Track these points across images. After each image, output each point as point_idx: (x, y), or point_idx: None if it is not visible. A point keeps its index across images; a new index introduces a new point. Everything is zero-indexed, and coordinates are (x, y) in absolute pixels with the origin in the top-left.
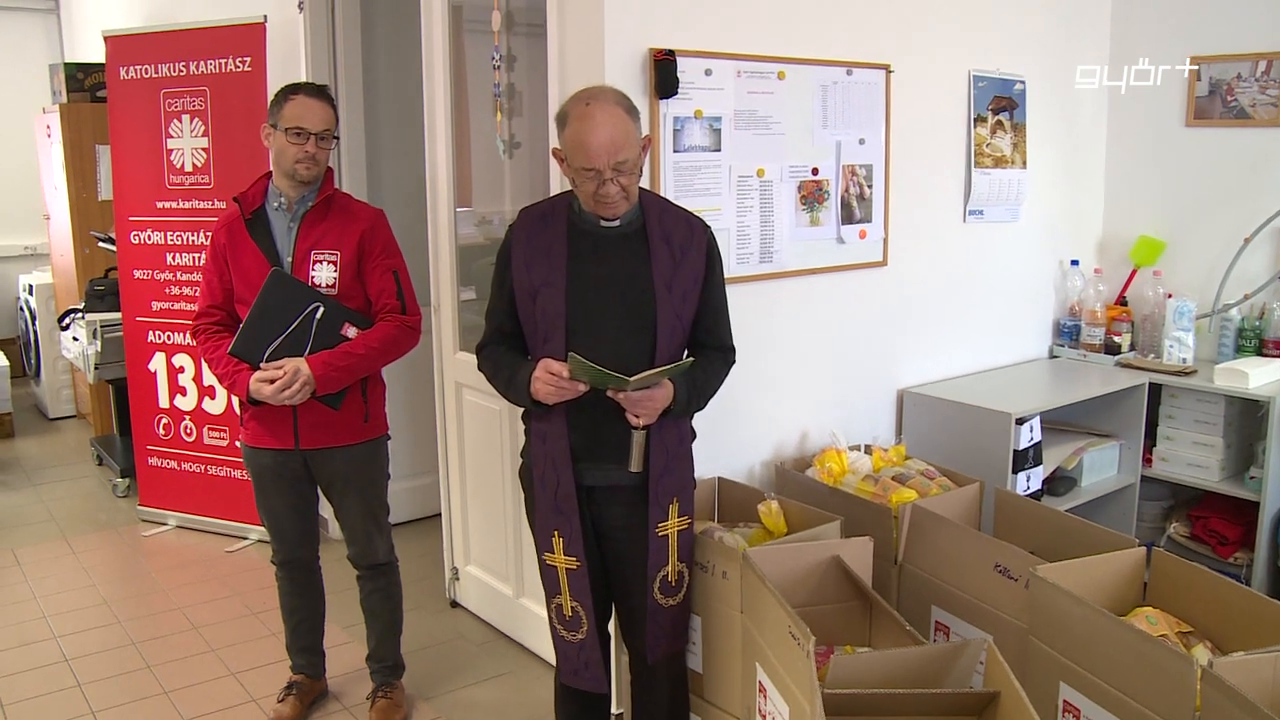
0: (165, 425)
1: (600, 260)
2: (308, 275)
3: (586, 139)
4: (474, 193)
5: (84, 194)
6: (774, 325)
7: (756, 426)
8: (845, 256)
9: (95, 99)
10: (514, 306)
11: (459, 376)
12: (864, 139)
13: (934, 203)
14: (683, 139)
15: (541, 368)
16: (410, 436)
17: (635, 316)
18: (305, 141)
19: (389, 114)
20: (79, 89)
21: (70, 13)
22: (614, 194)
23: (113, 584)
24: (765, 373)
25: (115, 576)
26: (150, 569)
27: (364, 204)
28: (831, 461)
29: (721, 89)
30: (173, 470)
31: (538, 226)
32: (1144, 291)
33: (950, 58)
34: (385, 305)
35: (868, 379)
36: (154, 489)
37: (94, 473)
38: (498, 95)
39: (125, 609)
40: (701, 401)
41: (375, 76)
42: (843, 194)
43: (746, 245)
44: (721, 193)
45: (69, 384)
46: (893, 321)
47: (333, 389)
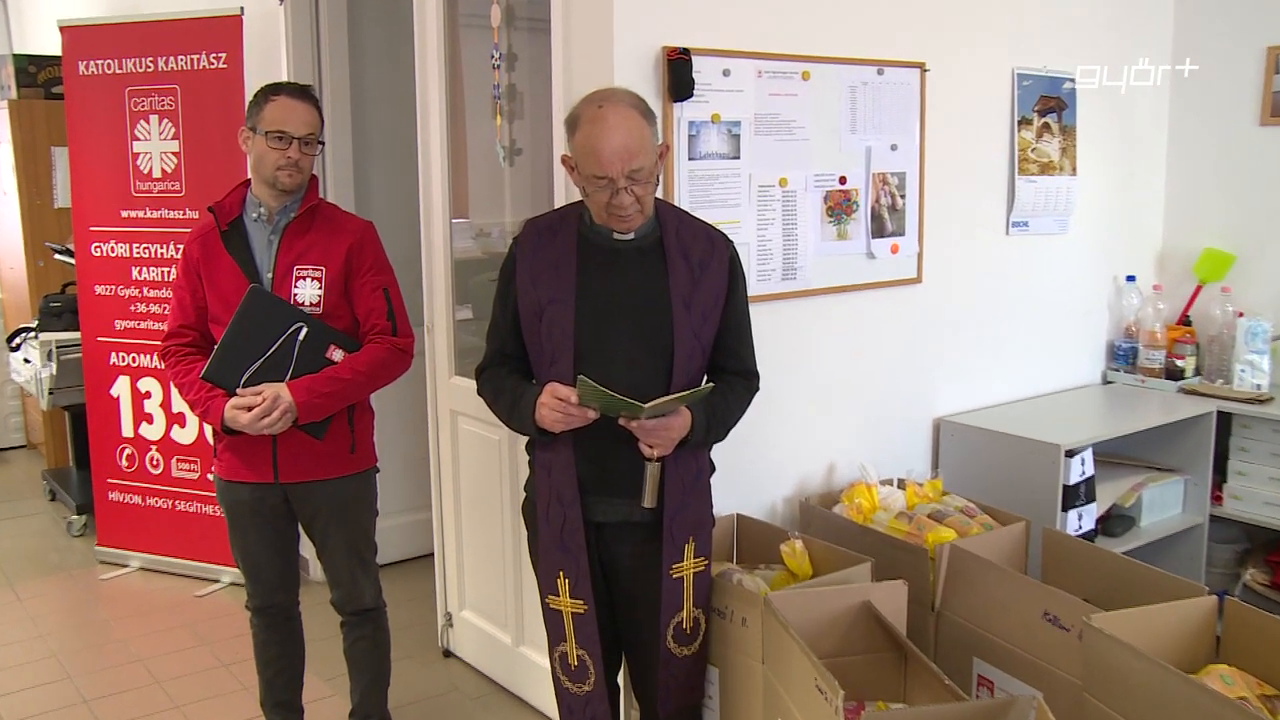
0: (129, 456)
1: (613, 276)
2: (290, 293)
3: (599, 145)
4: (471, 203)
5: (38, 201)
6: (798, 348)
7: (779, 459)
8: (876, 273)
9: (50, 95)
10: (518, 326)
11: (455, 403)
12: (896, 144)
13: (974, 214)
14: (699, 145)
15: (547, 393)
16: (401, 469)
17: (650, 337)
18: (287, 147)
19: (379, 117)
20: (31, 84)
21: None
22: (628, 205)
23: (64, 634)
24: (788, 400)
25: (67, 626)
26: (108, 617)
27: (351, 215)
28: (861, 497)
29: (741, 91)
30: (136, 506)
31: (545, 239)
32: (1210, 310)
33: (992, 54)
34: (374, 326)
35: (901, 407)
36: (114, 527)
37: (46, 509)
38: (497, 97)
39: (78, 662)
40: (722, 431)
41: (364, 76)
42: (873, 205)
43: (768, 261)
44: (740, 204)
45: (18, 410)
46: (928, 344)
47: (316, 417)
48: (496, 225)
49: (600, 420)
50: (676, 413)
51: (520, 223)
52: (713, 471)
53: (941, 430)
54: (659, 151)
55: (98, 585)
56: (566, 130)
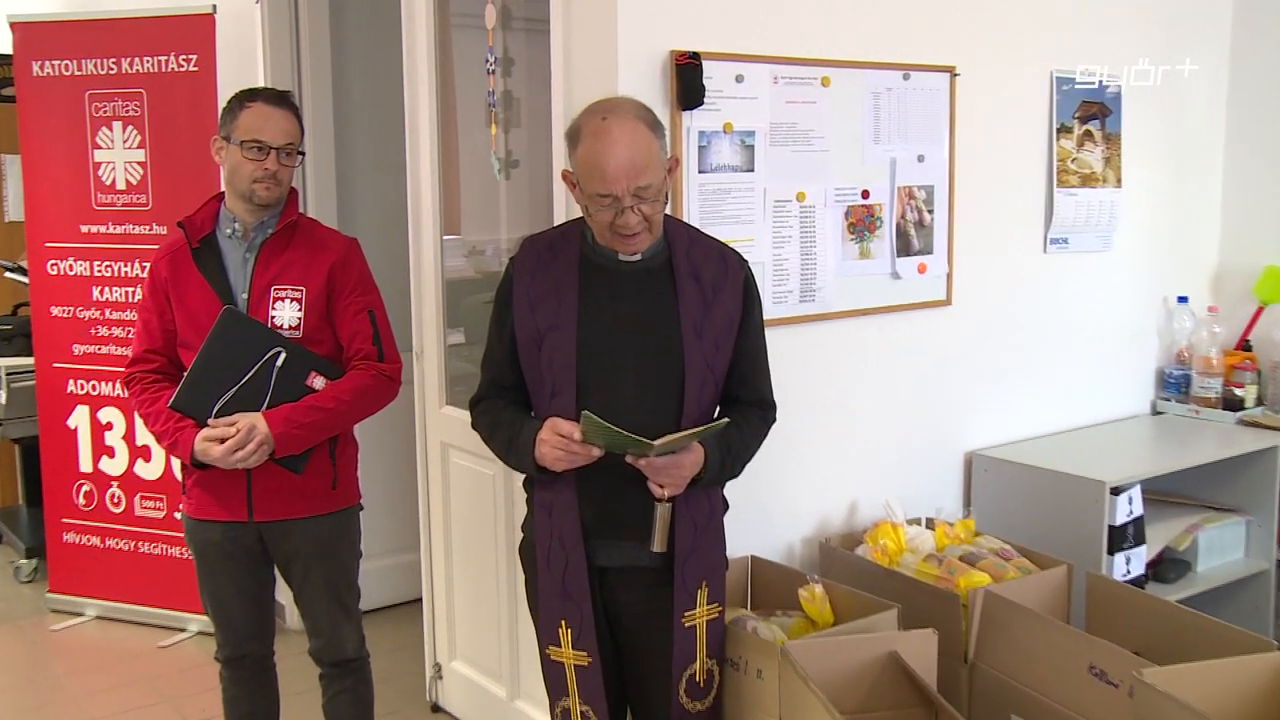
0: (87, 494)
1: (618, 300)
2: (267, 315)
3: (602, 160)
4: (464, 218)
5: None
6: (817, 376)
7: (797, 496)
8: (902, 295)
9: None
10: (515, 354)
11: (446, 435)
12: (924, 155)
13: (1008, 230)
14: (709, 157)
15: (548, 428)
16: (387, 506)
17: (659, 367)
18: (264, 157)
19: (363, 125)
20: None
21: None
22: (635, 225)
23: (12, 692)
24: (807, 432)
25: (15, 683)
26: (59, 672)
27: (334, 231)
28: (887, 538)
29: (755, 98)
30: (94, 548)
31: (544, 259)
32: (1273, 334)
33: (1028, 56)
34: (359, 351)
35: (929, 440)
36: (69, 572)
37: None
38: (492, 104)
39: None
40: (737, 468)
41: (347, 80)
42: (898, 221)
43: (784, 282)
44: (755, 220)
45: None
46: (959, 371)
47: (295, 450)
48: (491, 243)
49: (605, 458)
50: (688, 449)
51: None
52: (725, 510)
53: (974, 465)
54: (668, 166)
55: (49, 637)
56: (567, 144)
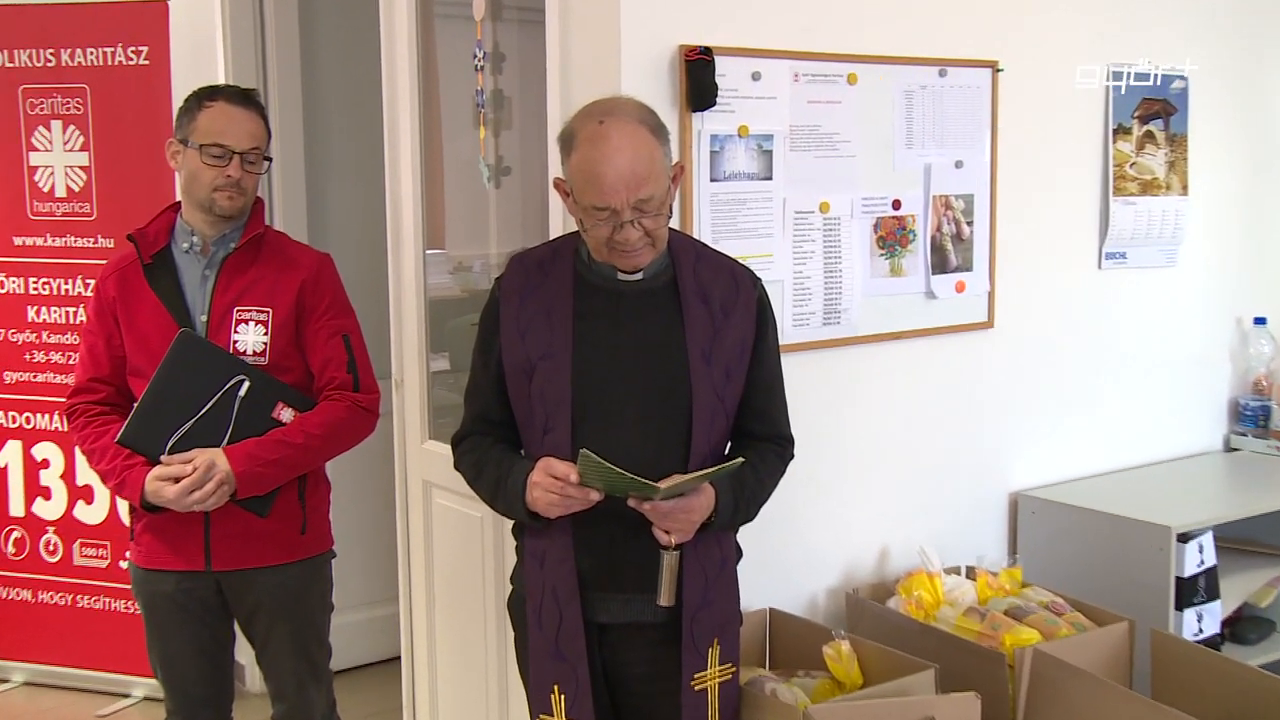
0: (17, 541)
1: (617, 324)
2: (228, 339)
3: (599, 169)
4: (449, 231)
5: None
6: (842, 408)
7: (820, 541)
8: (937, 316)
9: None
10: (502, 386)
11: (428, 473)
12: (962, 161)
13: (1058, 244)
14: (722, 163)
15: (541, 469)
16: (362, 553)
17: (664, 399)
18: (226, 163)
19: (337, 127)
20: None
21: None
22: (635, 240)
23: None
24: (831, 470)
25: None
26: None
27: (304, 246)
28: (922, 589)
29: (773, 98)
30: (24, 603)
31: (534, 279)
32: None
33: (1081, 49)
34: (332, 379)
35: (970, 479)
36: None
37: None
38: (481, 104)
39: None
40: (752, 510)
41: (319, 77)
42: (933, 234)
43: (806, 303)
44: (773, 233)
45: None
46: (1002, 402)
47: (260, 490)
48: (479, 258)
49: (605, 502)
50: (697, 491)
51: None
52: (740, 558)
53: (1020, 507)
54: (672, 174)
55: None
56: (560, 150)
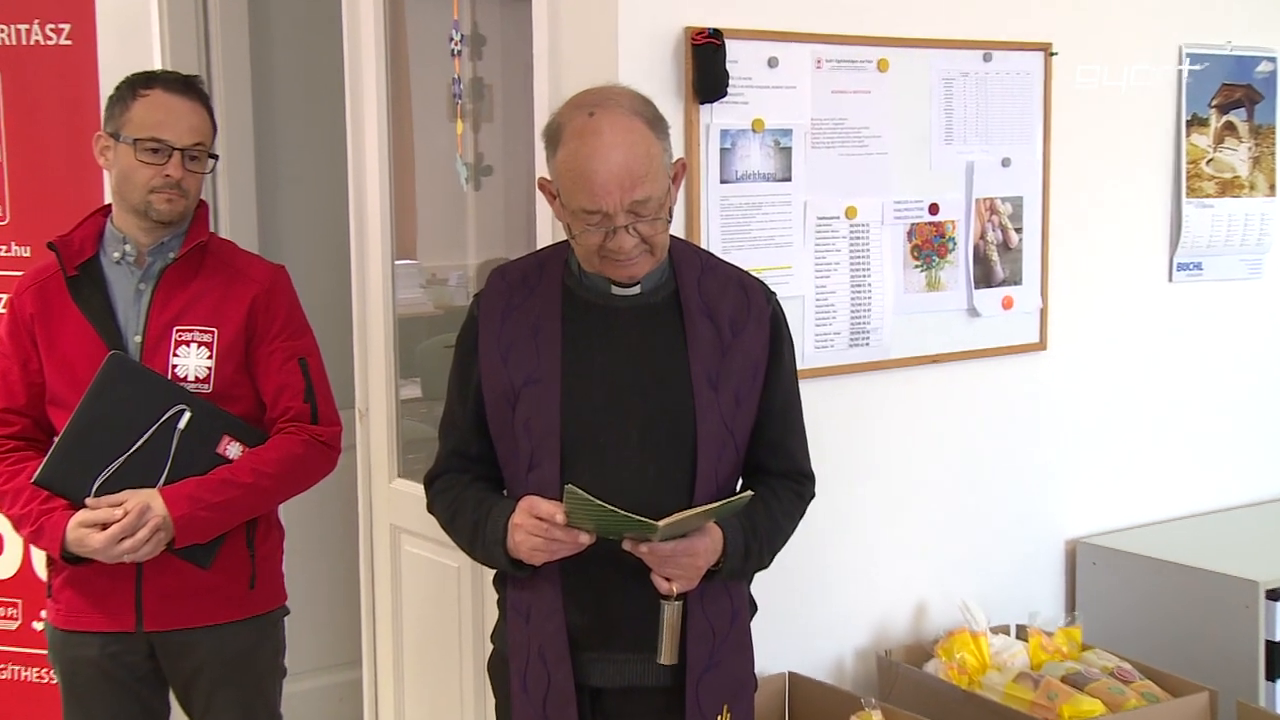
0: None
1: (612, 345)
2: (166, 364)
3: (589, 166)
4: (421, 240)
5: None
6: (872, 441)
7: (846, 595)
8: (982, 337)
9: None
10: (482, 417)
11: (397, 517)
12: (1010, 158)
13: (1122, 253)
14: (734, 162)
15: (524, 510)
16: (319, 610)
17: (665, 429)
18: (165, 161)
19: (292, 120)
20: None
21: None
22: (630, 248)
23: None
24: (859, 512)
25: None
26: None
27: (255, 257)
28: (965, 650)
29: (793, 87)
30: None
31: (518, 295)
32: None
33: (1149, 28)
34: (287, 410)
35: (1020, 524)
36: None
37: None
38: (458, 95)
39: None
40: (766, 556)
41: (271, 62)
42: (976, 242)
43: (830, 321)
44: (792, 242)
45: None
46: (1057, 435)
47: (201, 537)
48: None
49: (598, 546)
50: (703, 532)
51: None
52: (754, 613)
53: (1078, 557)
54: (673, 173)
55: None
56: (546, 146)
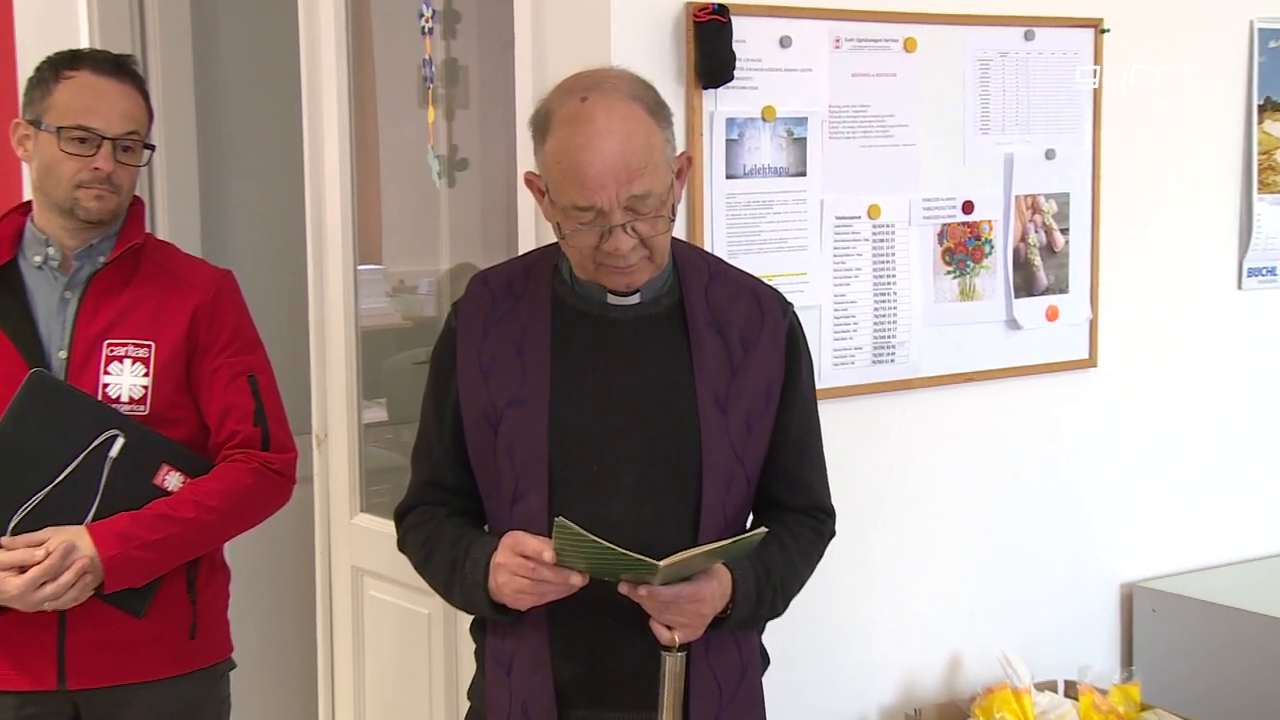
0: None
1: (607, 361)
2: (96, 382)
3: (581, 158)
4: (387, 242)
5: None
6: (899, 471)
7: (870, 645)
8: (1023, 352)
9: None
10: (460, 442)
11: (360, 557)
12: (1054, 150)
13: (1183, 256)
14: (741, 155)
15: (508, 547)
16: (271, 663)
17: (668, 456)
18: (94, 152)
19: (240, 107)
20: None
21: None
22: (628, 251)
23: None
24: (885, 552)
25: None
26: None
27: (198, 261)
28: (1006, 710)
29: (808, 69)
30: None
31: (502, 304)
32: None
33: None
34: (234, 434)
35: (1068, 565)
36: None
37: None
38: (429, 78)
39: None
40: (780, 602)
41: (215, 41)
42: (1017, 245)
43: (850, 335)
44: (807, 246)
45: None
46: (1110, 465)
47: (135, 581)
48: (427, 276)
49: (590, 588)
50: (709, 574)
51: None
52: (766, 666)
53: (1136, 603)
54: (677, 167)
55: None
56: (533, 136)
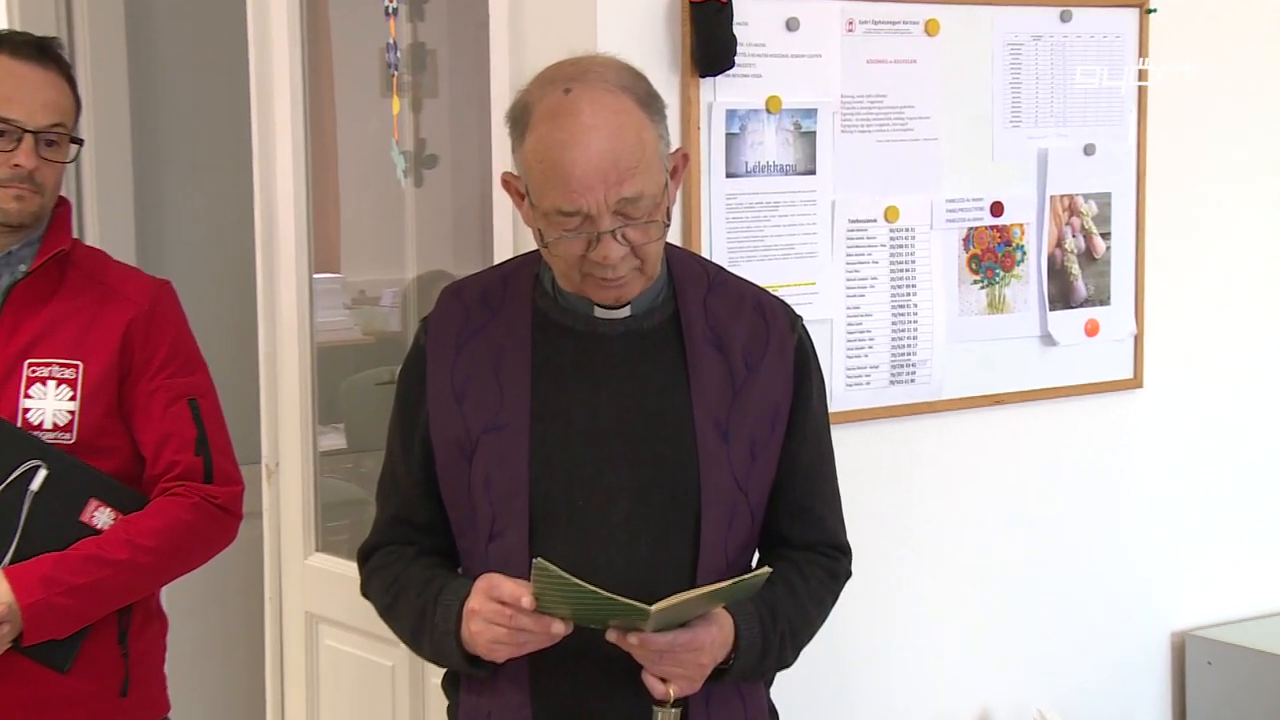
0: None
1: (595, 382)
2: (16, 407)
3: (566, 156)
4: (345, 249)
5: None
6: (921, 505)
7: (892, 699)
8: (1059, 372)
9: None
10: (431, 472)
11: (314, 602)
12: (1093, 144)
13: (1240, 264)
14: (743, 151)
15: (483, 592)
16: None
17: (661, 488)
18: (14, 147)
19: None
20: None
21: None
22: (618, 259)
23: None
24: (907, 595)
25: None
26: None
27: (132, 270)
28: None
29: (817, 55)
30: None
31: (477, 319)
32: None
33: None
34: (173, 465)
35: (1111, 610)
36: None
37: None
38: (393, 65)
39: None
40: (788, 652)
41: (152, 23)
42: (1051, 251)
43: (865, 352)
44: (817, 253)
45: None
46: (1158, 499)
47: (59, 631)
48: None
49: (575, 637)
50: (708, 620)
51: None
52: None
53: (1188, 654)
54: (672, 165)
55: None
56: (511, 131)
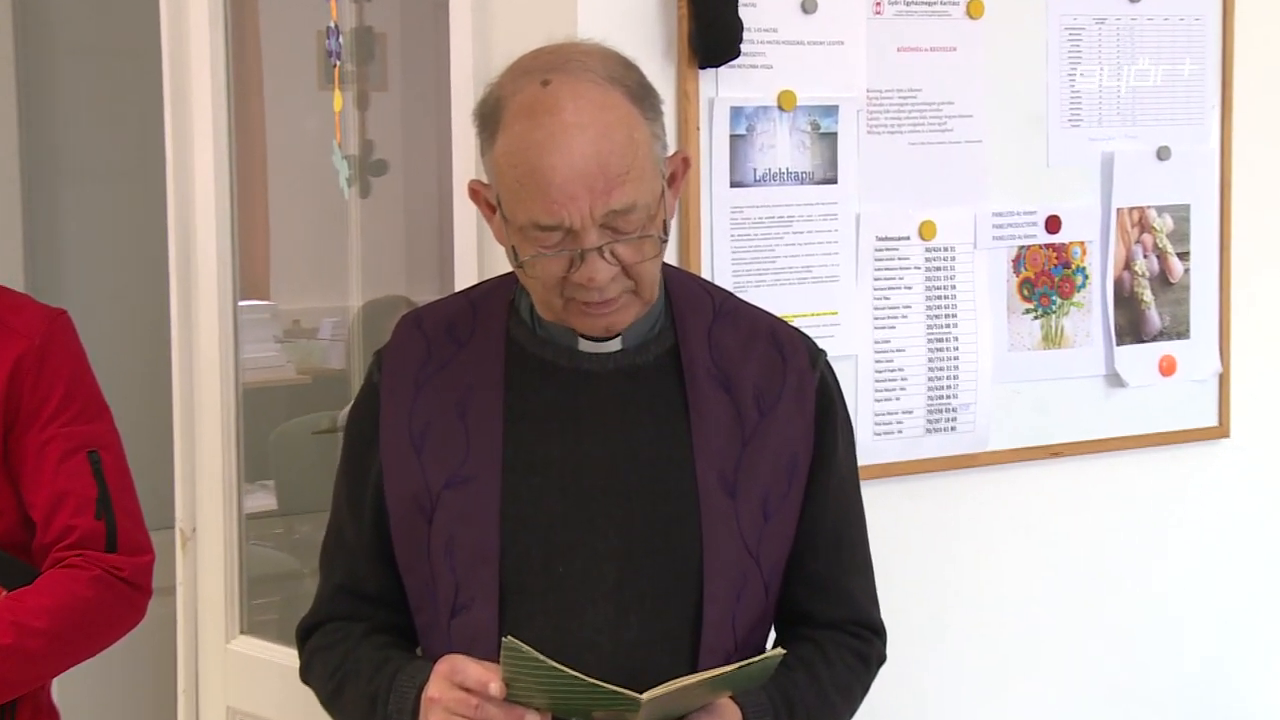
0: None
1: (578, 428)
2: None
3: (545, 160)
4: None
5: None
6: (966, 574)
7: None
8: (1129, 418)
9: None
10: (384, 535)
11: (237, 694)
12: (1169, 148)
13: None
14: (750, 154)
15: (444, 677)
16: None
17: (656, 553)
18: None
19: (78, 91)
20: None
21: None
22: (606, 281)
23: None
24: (948, 680)
25: None
26: None
27: (21, 298)
28: None
29: (839, 43)
30: None
31: (441, 353)
32: None
33: None
34: (68, 530)
35: (1184, 702)
36: None
37: None
38: (334, 54)
39: None
40: None
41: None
42: (1119, 275)
43: (897, 394)
44: (839, 276)
45: None
46: (1245, 568)
47: None
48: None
49: None
50: (711, 710)
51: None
52: None
53: None
54: (669, 171)
55: None
56: (479, 131)
